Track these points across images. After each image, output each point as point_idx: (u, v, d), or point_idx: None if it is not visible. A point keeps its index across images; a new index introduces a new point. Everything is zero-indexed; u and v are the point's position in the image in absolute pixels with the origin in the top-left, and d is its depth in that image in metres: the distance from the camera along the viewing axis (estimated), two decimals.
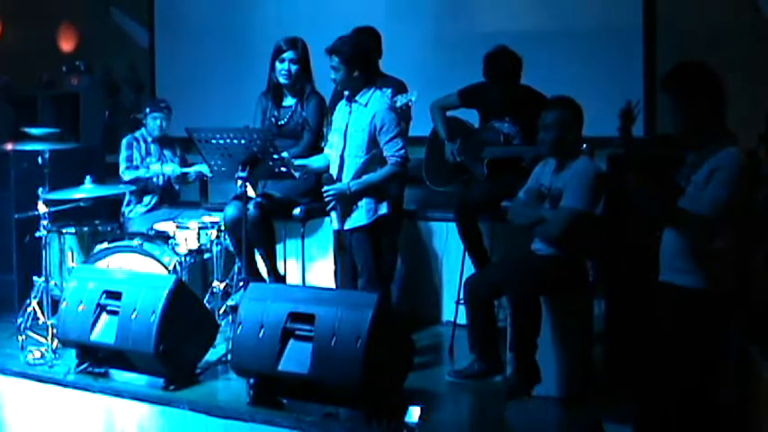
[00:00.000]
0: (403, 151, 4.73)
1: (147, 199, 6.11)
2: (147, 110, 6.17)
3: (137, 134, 6.17)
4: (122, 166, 6.10)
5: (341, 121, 4.85)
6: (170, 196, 6.15)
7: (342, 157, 4.81)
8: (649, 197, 3.53)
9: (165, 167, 6.07)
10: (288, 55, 5.23)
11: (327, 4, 6.98)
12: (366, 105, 4.74)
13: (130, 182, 6.03)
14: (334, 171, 4.86)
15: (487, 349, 4.59)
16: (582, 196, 4.33)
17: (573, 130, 4.45)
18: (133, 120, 6.94)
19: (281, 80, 5.27)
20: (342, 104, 4.90)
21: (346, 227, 4.80)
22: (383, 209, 4.77)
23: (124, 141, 6.16)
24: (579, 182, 4.35)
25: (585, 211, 4.32)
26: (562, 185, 4.40)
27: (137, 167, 6.07)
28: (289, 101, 5.35)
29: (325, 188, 4.79)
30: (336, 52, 4.69)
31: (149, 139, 6.15)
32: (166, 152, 6.18)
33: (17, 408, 4.93)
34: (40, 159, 5.44)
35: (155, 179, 6.06)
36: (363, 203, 4.74)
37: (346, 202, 4.75)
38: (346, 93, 4.85)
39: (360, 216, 4.75)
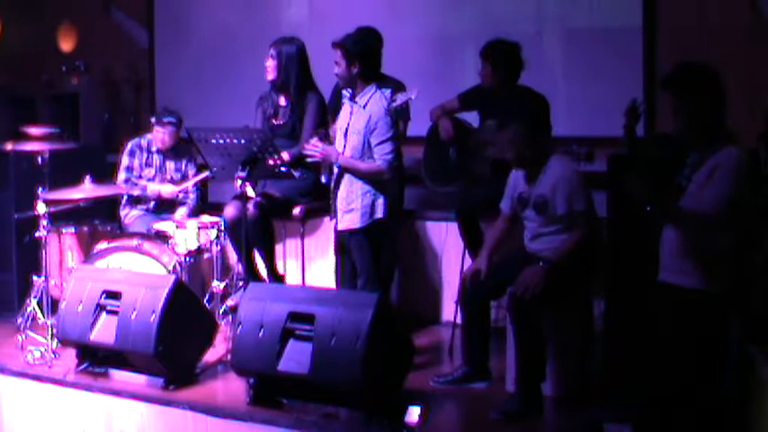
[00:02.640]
0: (391, 156, 4.70)
1: (140, 210, 6.05)
2: (153, 120, 6.01)
3: (141, 141, 6.04)
4: (121, 175, 5.99)
5: (343, 121, 4.85)
6: (164, 206, 6.04)
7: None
8: (649, 193, 3.52)
9: (163, 189, 5.92)
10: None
11: (327, 4, 6.98)
12: (364, 107, 4.74)
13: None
14: (335, 169, 4.86)
15: (474, 353, 4.57)
16: (579, 197, 4.29)
17: (527, 141, 4.36)
18: (135, 123, 6.87)
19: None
20: (346, 103, 4.89)
21: (344, 227, 4.80)
22: (379, 213, 4.75)
23: (128, 146, 6.03)
24: (569, 185, 4.28)
25: (587, 209, 4.30)
26: (547, 192, 4.31)
27: (135, 184, 5.94)
28: (289, 101, 5.36)
29: (317, 143, 4.79)
30: (338, 46, 4.73)
31: (153, 149, 6.00)
32: (169, 164, 6.02)
33: (17, 408, 4.93)
34: (40, 159, 5.43)
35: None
36: (359, 206, 4.73)
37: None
38: (348, 92, 4.84)
39: (355, 219, 4.75)
